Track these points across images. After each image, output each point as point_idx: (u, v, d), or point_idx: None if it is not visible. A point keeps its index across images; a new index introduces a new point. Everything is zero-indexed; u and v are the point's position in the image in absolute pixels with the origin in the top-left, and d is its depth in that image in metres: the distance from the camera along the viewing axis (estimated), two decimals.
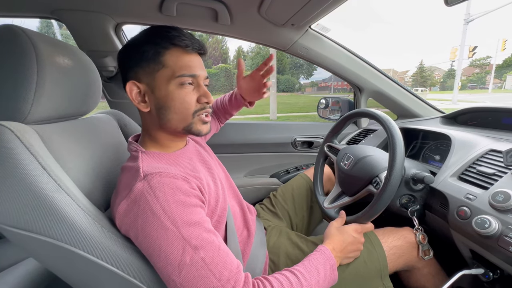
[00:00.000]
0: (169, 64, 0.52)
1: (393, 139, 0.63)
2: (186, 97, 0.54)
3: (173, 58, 0.52)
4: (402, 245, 0.70)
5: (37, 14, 0.93)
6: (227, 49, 45.08)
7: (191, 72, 0.53)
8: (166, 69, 0.52)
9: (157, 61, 0.51)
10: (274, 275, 0.51)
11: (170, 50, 0.52)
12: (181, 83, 0.53)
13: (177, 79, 0.52)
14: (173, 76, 0.52)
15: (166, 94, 0.52)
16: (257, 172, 1.35)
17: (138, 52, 0.52)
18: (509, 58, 59.47)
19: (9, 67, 0.44)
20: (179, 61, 0.52)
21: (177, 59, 0.52)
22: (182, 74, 0.52)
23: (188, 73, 0.53)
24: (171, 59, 0.52)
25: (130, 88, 0.53)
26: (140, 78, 0.53)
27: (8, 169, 0.40)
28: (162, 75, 0.52)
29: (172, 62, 0.52)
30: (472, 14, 14.37)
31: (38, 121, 0.49)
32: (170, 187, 0.46)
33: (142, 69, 0.52)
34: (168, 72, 0.52)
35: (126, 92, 0.54)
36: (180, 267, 0.43)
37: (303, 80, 48.25)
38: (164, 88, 0.52)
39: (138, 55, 0.52)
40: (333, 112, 1.44)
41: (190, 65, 0.53)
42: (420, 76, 56.52)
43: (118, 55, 0.56)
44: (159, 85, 0.52)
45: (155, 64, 0.52)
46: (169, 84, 0.52)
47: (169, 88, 0.52)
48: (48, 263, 0.48)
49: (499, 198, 0.53)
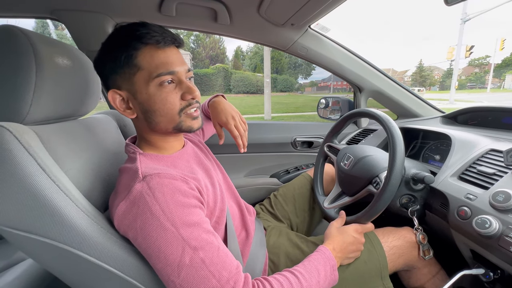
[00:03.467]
0: (144, 66, 0.48)
1: (393, 139, 0.63)
2: (168, 97, 0.50)
3: (147, 58, 0.48)
4: (402, 245, 0.70)
5: (36, 14, 0.92)
6: (225, 49, 45.08)
7: (169, 69, 0.49)
8: (142, 71, 0.49)
9: (131, 65, 0.48)
10: (274, 275, 0.51)
11: (141, 50, 0.48)
12: (160, 83, 0.49)
13: (155, 80, 0.49)
14: (151, 77, 0.49)
15: (147, 98, 0.50)
16: (257, 172, 1.35)
17: (111, 58, 0.49)
18: (508, 57, 59.59)
19: (8, 68, 0.44)
20: (153, 60, 0.48)
21: (151, 58, 0.48)
22: (159, 74, 0.49)
23: (165, 71, 0.49)
24: (145, 59, 0.48)
25: (112, 97, 0.51)
26: (119, 85, 0.51)
27: (7, 170, 0.39)
28: (139, 79, 0.49)
29: (147, 63, 0.48)
30: (468, 13, 14.38)
31: (37, 122, 0.49)
32: (169, 188, 0.46)
33: (119, 76, 0.50)
34: (144, 74, 0.49)
35: (109, 102, 0.52)
36: (179, 268, 0.42)
37: (302, 80, 48.31)
38: (144, 91, 0.49)
39: (112, 62, 0.49)
40: (333, 112, 1.44)
41: (166, 61, 0.49)
42: (419, 76, 56.60)
43: (94, 65, 0.53)
44: (139, 89, 0.50)
45: (130, 68, 0.48)
46: (148, 86, 0.49)
47: (150, 91, 0.49)
48: (47, 264, 0.48)
49: (500, 198, 0.53)
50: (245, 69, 42.58)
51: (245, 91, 26.79)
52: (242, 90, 26.73)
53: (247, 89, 27.01)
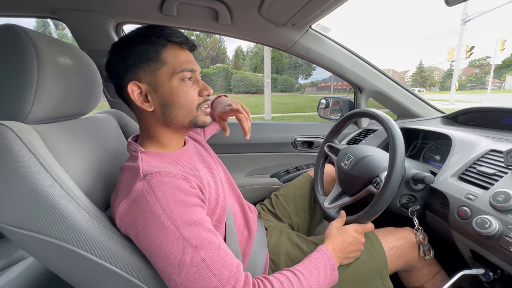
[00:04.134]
0: (169, 61, 0.53)
1: (393, 139, 0.63)
2: (190, 92, 0.55)
3: (172, 55, 0.53)
4: (403, 245, 0.70)
5: (37, 13, 0.92)
6: (225, 49, 45.04)
7: (190, 67, 0.55)
8: (167, 66, 0.53)
9: (156, 60, 0.52)
10: (274, 275, 0.51)
11: (167, 48, 0.53)
12: (182, 78, 0.54)
13: (179, 75, 0.53)
14: (174, 72, 0.53)
15: (170, 91, 0.53)
16: (257, 172, 1.35)
17: (136, 52, 0.52)
18: (508, 58, 59.54)
19: (10, 67, 0.44)
20: (177, 58, 0.53)
21: (175, 55, 0.53)
22: (182, 69, 0.53)
23: (187, 68, 0.54)
24: (170, 56, 0.53)
25: (131, 89, 0.52)
26: (140, 78, 0.53)
27: (9, 169, 0.40)
28: (163, 73, 0.53)
29: (171, 59, 0.53)
30: (469, 14, 14.37)
31: (39, 121, 0.49)
32: (170, 186, 0.46)
33: (142, 69, 0.52)
34: (169, 69, 0.53)
35: (126, 94, 0.53)
36: (180, 266, 0.43)
37: (302, 80, 48.30)
38: (167, 85, 0.53)
39: (136, 56, 0.52)
40: (333, 112, 1.44)
41: (187, 60, 0.55)
42: (419, 76, 56.58)
43: (109, 59, 0.55)
44: (161, 83, 0.53)
45: (155, 62, 0.52)
46: (171, 80, 0.53)
47: (172, 84, 0.53)
48: (49, 262, 0.48)
49: (500, 198, 0.53)
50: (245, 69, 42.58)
51: (245, 91, 26.76)
52: (243, 90, 26.70)
53: (247, 89, 26.98)
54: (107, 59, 0.55)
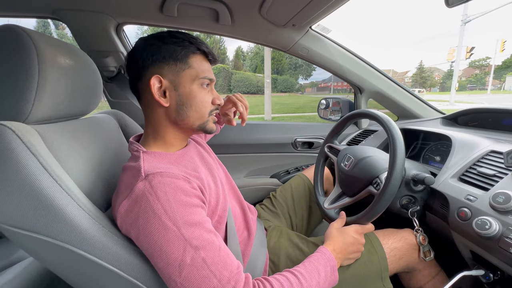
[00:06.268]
0: (194, 66, 0.56)
1: (393, 140, 0.63)
2: (206, 97, 0.59)
3: (198, 61, 0.57)
4: (403, 247, 0.70)
5: (38, 14, 0.93)
6: (225, 49, 45.04)
7: (211, 76, 0.59)
8: (192, 70, 0.56)
9: (184, 62, 0.55)
10: (274, 276, 0.51)
11: (196, 55, 0.57)
12: (202, 84, 0.58)
13: (200, 80, 0.57)
14: (197, 76, 0.56)
15: (189, 92, 0.56)
16: (257, 172, 1.36)
17: (168, 50, 0.55)
18: (508, 59, 59.57)
19: (11, 67, 0.44)
20: (201, 65, 0.58)
21: (200, 63, 0.57)
22: (204, 76, 0.57)
23: (209, 76, 0.58)
24: (196, 62, 0.57)
25: (153, 82, 0.54)
26: (164, 74, 0.55)
27: (9, 169, 0.40)
28: (187, 75, 0.56)
29: (197, 65, 0.57)
30: (469, 14, 14.37)
31: (39, 121, 0.49)
32: (171, 187, 0.46)
33: (168, 66, 0.55)
34: (193, 73, 0.56)
35: (145, 85, 0.55)
36: (180, 267, 0.43)
37: (302, 81, 48.30)
38: (188, 86, 0.56)
39: (167, 53, 0.55)
40: (333, 113, 1.44)
41: (210, 70, 0.60)
42: (419, 77, 56.60)
43: (137, 49, 0.56)
44: (183, 83, 0.56)
45: (183, 63, 0.55)
46: (192, 83, 0.56)
47: (193, 87, 0.56)
48: (49, 262, 0.48)
49: (500, 199, 0.53)
50: (245, 69, 42.58)
51: (245, 92, 26.70)
52: (243, 90, 26.63)
53: (247, 89, 26.96)
54: (134, 47, 0.57)
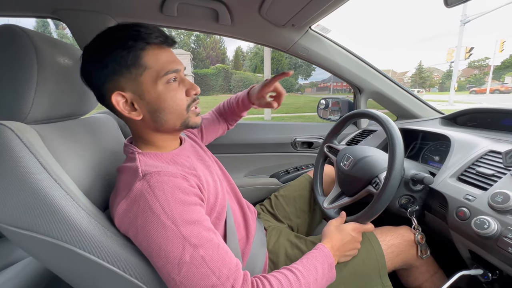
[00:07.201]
0: (151, 65, 0.49)
1: (392, 140, 0.64)
2: (177, 94, 0.52)
3: (153, 57, 0.49)
4: (400, 243, 0.70)
5: (38, 13, 0.92)
6: (225, 49, 45.05)
7: (174, 67, 0.51)
8: (150, 70, 0.49)
9: (137, 65, 0.48)
10: (272, 273, 0.51)
11: (147, 50, 0.49)
12: (167, 81, 0.51)
13: (163, 78, 0.50)
14: (159, 76, 0.50)
15: (157, 96, 0.51)
16: (257, 172, 1.36)
17: (114, 59, 0.47)
18: (507, 59, 59.65)
19: (10, 67, 0.44)
20: (159, 59, 0.50)
21: (156, 57, 0.50)
22: (166, 72, 0.50)
23: (171, 69, 0.51)
24: (151, 59, 0.49)
25: (116, 100, 0.49)
26: (123, 87, 0.49)
27: (9, 168, 0.40)
28: (146, 78, 0.49)
29: (153, 62, 0.49)
30: (468, 15, 14.38)
31: (39, 121, 0.50)
32: (169, 185, 0.46)
33: (123, 77, 0.49)
34: (152, 73, 0.49)
35: (111, 104, 0.50)
36: (179, 265, 0.43)
37: (302, 81, 48.31)
38: (152, 90, 0.50)
39: (115, 63, 0.47)
40: (333, 113, 1.45)
41: (170, 60, 0.51)
42: (419, 77, 56.63)
43: (85, 66, 0.50)
44: (146, 89, 0.50)
45: (137, 68, 0.48)
46: (156, 85, 0.50)
47: (158, 89, 0.50)
48: (48, 262, 0.48)
49: (498, 199, 0.53)
50: (245, 69, 42.59)
51: None
52: (243, 90, 26.58)
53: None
54: (82, 64, 0.50)
